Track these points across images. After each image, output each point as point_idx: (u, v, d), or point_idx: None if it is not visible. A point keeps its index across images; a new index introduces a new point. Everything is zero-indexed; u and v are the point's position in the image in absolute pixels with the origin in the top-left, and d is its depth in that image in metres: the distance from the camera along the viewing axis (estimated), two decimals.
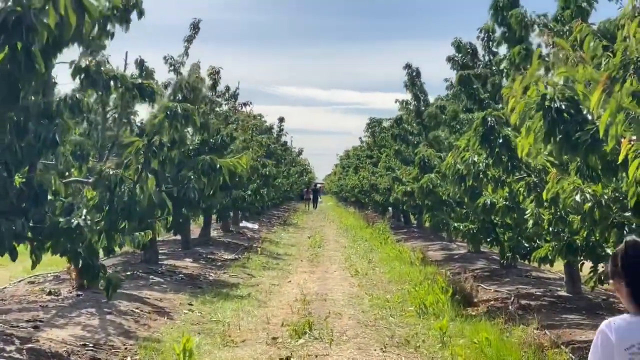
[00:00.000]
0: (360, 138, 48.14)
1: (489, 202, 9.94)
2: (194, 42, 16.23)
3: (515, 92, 5.75)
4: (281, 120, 39.02)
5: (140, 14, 6.97)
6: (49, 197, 7.06)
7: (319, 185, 79.09)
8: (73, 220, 6.47)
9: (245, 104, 25.07)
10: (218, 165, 9.19)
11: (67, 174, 9.79)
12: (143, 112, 11.17)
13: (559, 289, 12.47)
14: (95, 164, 7.28)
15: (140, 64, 11.57)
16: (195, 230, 22.13)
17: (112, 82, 6.59)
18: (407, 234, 27.36)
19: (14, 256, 6.88)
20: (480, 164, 8.87)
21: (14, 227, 6.56)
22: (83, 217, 6.52)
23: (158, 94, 6.85)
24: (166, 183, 9.43)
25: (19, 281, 12.35)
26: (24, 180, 6.71)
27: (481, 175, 8.93)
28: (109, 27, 6.58)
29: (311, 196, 59.14)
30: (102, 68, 6.59)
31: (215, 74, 20.32)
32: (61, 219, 6.49)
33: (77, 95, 6.51)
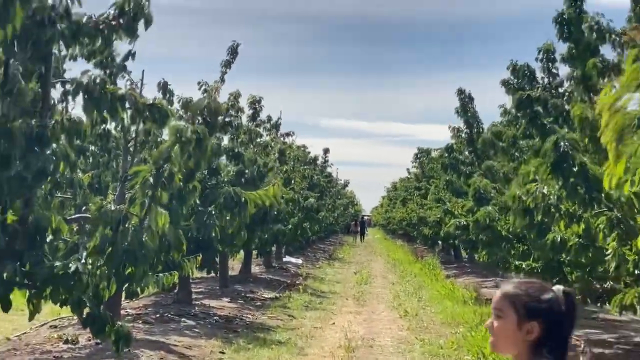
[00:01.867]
0: (407, 169, 46.76)
1: (559, 239, 8.69)
2: (232, 68, 15.25)
3: (605, 106, 4.59)
4: (326, 151, 37.73)
5: (148, 22, 5.99)
6: (49, 237, 6.08)
7: (366, 218, 77.78)
8: (71, 265, 5.47)
9: (287, 134, 24.17)
10: (243, 199, 8.05)
11: (84, 208, 8.86)
12: None
13: (633, 333, 11.22)
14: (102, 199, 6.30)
15: (163, 87, 10.63)
16: (236, 265, 21.15)
17: (118, 103, 5.63)
18: (458, 269, 26.02)
19: (5, 307, 5.91)
20: (552, 196, 7.64)
21: (4, 273, 5.61)
22: (83, 260, 5.51)
23: (170, 115, 5.85)
24: (186, 219, 8.39)
25: (41, 325, 11.45)
26: (16, 218, 5.75)
27: (552, 209, 7.69)
28: (114, 39, 5.66)
29: (358, 229, 57.87)
30: (107, 86, 5.62)
31: (255, 102, 19.47)
32: (57, 263, 5.50)
33: (77, 118, 5.56)
